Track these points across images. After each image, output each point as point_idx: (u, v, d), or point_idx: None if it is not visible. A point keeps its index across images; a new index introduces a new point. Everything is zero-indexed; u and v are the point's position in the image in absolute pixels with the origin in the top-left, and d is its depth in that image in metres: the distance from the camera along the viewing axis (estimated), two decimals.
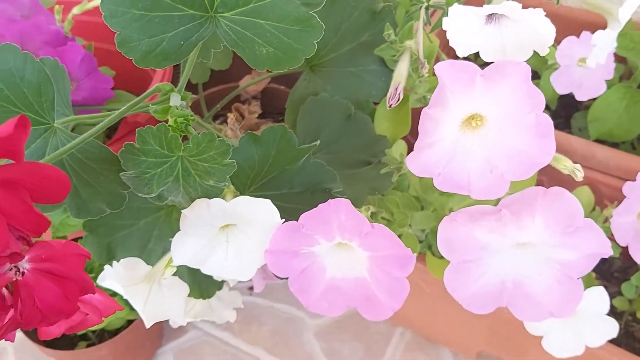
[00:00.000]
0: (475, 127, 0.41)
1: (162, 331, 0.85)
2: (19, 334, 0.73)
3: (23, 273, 0.28)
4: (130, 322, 0.76)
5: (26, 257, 0.29)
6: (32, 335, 0.74)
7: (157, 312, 0.49)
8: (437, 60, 0.75)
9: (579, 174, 0.42)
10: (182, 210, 0.40)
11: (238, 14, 0.38)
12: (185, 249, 0.41)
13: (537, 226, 0.40)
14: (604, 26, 0.59)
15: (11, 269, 0.28)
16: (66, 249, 0.28)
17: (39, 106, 0.38)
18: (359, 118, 0.62)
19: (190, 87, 0.54)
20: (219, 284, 0.59)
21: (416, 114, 0.63)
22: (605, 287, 0.53)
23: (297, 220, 0.43)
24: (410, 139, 0.70)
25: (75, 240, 0.58)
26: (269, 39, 0.38)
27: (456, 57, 0.90)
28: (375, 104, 0.64)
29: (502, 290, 0.43)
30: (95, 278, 0.49)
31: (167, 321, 0.83)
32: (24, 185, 0.27)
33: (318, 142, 0.48)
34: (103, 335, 0.76)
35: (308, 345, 0.82)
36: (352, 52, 0.62)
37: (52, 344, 0.72)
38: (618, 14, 0.46)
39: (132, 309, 0.74)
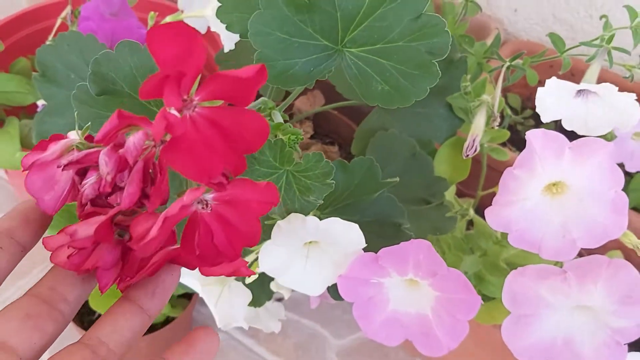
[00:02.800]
0: (556, 193, 0.44)
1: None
2: None
3: (210, 207, 0.28)
4: (167, 318, 0.78)
5: (212, 195, 0.29)
6: (75, 319, 0.76)
7: (226, 314, 0.52)
8: (502, 114, 0.78)
9: None
10: (278, 222, 0.43)
11: (364, 51, 0.41)
12: (273, 257, 0.44)
13: (599, 292, 0.43)
14: None
15: (200, 202, 0.28)
16: (263, 192, 0.28)
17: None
18: (422, 157, 0.64)
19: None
20: (270, 294, 0.61)
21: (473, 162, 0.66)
22: None
23: (366, 248, 0.46)
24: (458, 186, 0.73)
25: None
26: (387, 78, 0.41)
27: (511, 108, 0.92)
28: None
29: (553, 346, 0.45)
30: None
31: (195, 320, 0.86)
32: (230, 128, 0.27)
33: (397, 179, 0.51)
34: None
35: None
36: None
37: None
38: None
39: (173, 306, 0.77)
